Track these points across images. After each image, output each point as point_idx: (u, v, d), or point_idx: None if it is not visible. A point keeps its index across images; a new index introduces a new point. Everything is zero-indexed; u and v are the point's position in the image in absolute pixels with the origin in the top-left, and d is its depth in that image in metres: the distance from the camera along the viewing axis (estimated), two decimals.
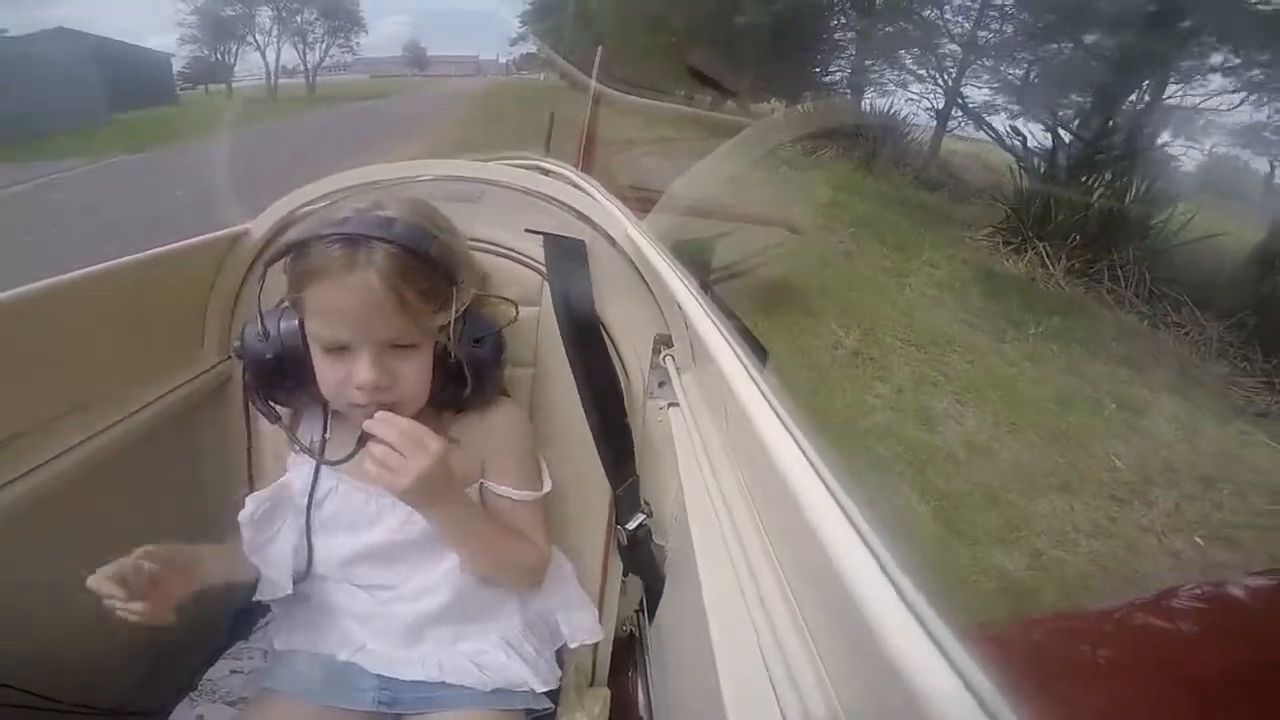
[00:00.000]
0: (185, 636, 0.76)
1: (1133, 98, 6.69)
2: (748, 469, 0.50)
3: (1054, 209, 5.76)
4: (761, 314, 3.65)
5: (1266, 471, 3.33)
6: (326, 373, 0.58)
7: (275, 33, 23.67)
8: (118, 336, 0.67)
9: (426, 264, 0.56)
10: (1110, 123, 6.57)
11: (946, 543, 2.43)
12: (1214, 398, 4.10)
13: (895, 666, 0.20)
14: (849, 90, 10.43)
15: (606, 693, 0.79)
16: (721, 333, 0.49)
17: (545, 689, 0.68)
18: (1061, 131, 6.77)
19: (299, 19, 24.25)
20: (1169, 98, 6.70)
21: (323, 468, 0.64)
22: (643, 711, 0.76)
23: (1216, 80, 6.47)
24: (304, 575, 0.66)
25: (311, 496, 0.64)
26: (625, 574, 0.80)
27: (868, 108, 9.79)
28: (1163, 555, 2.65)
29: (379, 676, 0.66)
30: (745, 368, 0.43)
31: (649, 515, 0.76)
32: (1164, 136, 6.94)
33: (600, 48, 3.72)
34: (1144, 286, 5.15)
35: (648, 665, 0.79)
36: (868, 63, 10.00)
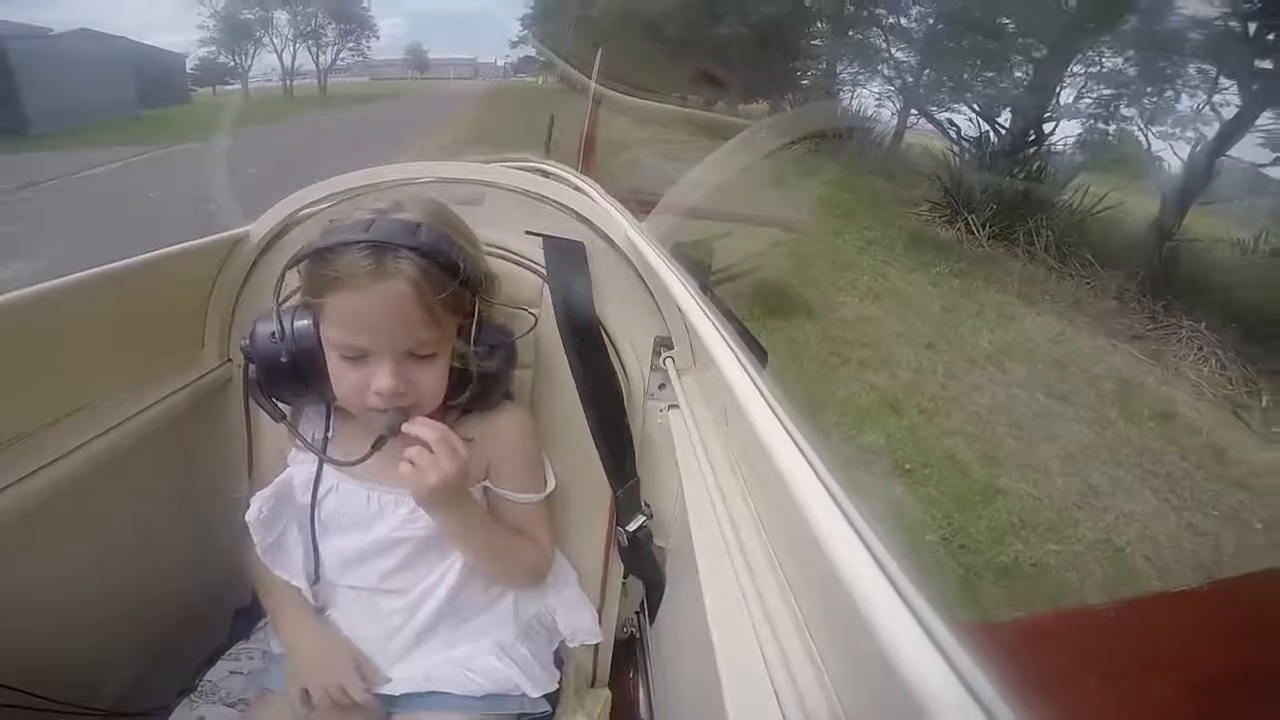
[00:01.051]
0: (185, 637, 0.76)
1: (1057, 91, 7.78)
2: (748, 471, 0.50)
3: (981, 186, 6.50)
4: None
5: (1120, 367, 4.20)
6: (343, 377, 0.57)
7: (291, 35, 23.94)
8: (118, 338, 0.67)
9: (452, 274, 0.55)
10: (1035, 113, 7.61)
11: (829, 362, 3.64)
12: (1096, 323, 4.85)
13: (895, 666, 0.21)
14: (824, 92, 11.23)
15: (607, 693, 0.79)
16: (722, 335, 0.49)
17: (540, 693, 0.68)
18: (995, 122, 7.91)
19: (313, 22, 24.51)
20: (1089, 92, 7.98)
21: (324, 466, 0.64)
22: (643, 712, 0.76)
23: (1130, 76, 7.73)
24: (315, 579, 0.66)
25: (315, 494, 0.64)
26: (626, 575, 0.80)
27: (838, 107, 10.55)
28: (1005, 398, 3.45)
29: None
30: (745, 370, 0.43)
31: (649, 517, 0.76)
32: (1084, 123, 8.14)
33: (600, 50, 3.73)
34: (1054, 247, 5.89)
35: (648, 666, 0.79)
36: (838, 66, 11.08)
